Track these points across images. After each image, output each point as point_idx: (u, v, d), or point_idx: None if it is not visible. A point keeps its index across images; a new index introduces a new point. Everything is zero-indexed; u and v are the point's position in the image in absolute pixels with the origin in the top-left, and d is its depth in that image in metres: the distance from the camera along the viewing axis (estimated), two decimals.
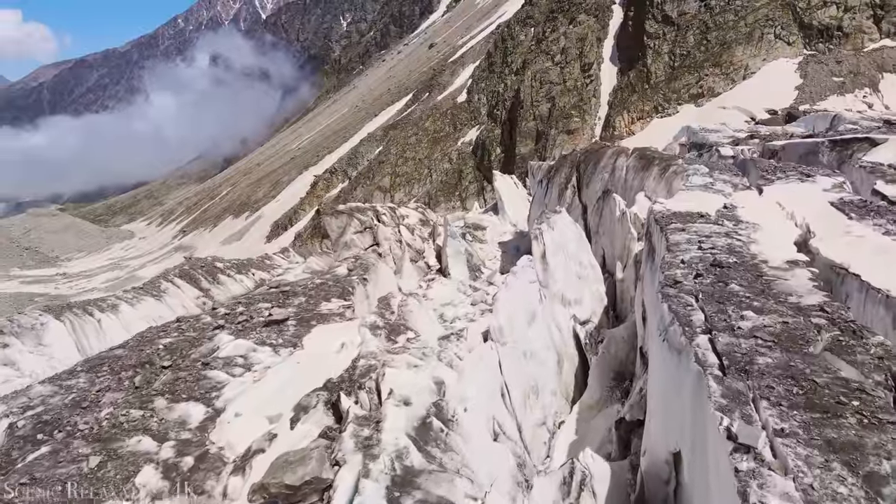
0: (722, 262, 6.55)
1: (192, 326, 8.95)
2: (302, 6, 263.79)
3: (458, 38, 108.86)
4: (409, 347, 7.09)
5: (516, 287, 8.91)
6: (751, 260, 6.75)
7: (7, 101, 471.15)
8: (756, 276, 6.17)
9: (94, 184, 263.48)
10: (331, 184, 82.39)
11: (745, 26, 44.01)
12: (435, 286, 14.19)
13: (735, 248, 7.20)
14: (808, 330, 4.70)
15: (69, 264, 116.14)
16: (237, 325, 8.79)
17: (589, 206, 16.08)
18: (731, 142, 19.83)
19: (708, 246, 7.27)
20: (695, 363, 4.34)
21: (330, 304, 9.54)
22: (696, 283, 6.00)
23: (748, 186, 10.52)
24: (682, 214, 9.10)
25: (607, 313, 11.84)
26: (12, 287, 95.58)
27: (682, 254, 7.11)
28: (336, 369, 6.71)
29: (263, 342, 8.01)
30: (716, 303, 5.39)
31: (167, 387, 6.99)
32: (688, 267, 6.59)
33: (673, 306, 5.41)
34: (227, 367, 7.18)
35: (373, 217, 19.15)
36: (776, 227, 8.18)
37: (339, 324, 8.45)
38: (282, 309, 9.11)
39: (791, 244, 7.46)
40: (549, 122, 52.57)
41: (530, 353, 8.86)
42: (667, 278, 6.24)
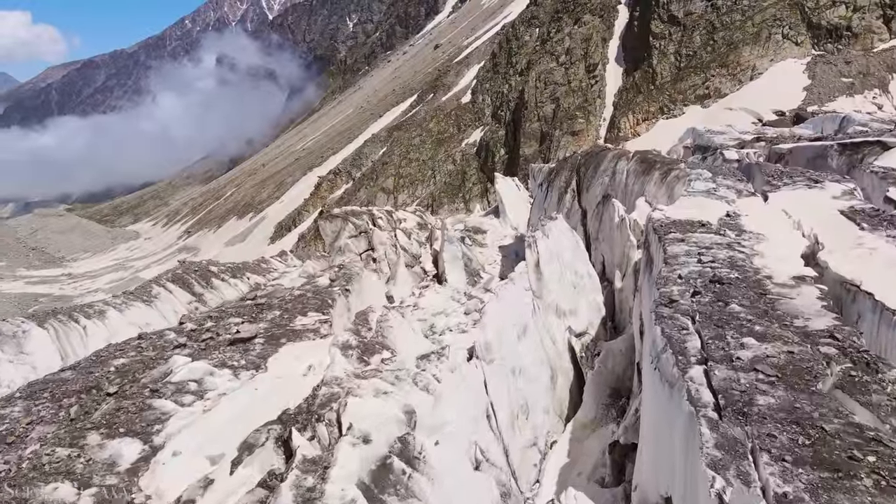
0: (722, 277, 6.04)
1: (152, 344, 8.41)
2: (308, 7, 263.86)
3: (463, 38, 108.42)
4: (381, 370, 6.55)
5: (506, 299, 8.43)
6: (754, 275, 6.24)
7: (16, 102, 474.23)
8: (759, 294, 5.67)
9: (101, 184, 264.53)
10: (335, 185, 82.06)
11: (753, 26, 43.35)
12: (428, 294, 13.71)
13: (737, 262, 6.69)
14: (816, 362, 4.21)
15: (74, 265, 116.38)
16: (200, 344, 8.27)
17: (589, 210, 15.57)
18: (736, 144, 19.27)
19: (708, 259, 6.76)
20: (687, 402, 3.86)
21: (306, 318, 9.02)
22: (693, 303, 5.50)
23: (753, 193, 9.99)
24: (682, 223, 8.59)
25: (605, 324, 11.34)
26: (17, 287, 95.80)
27: (680, 267, 6.61)
28: (298, 397, 6.17)
29: (224, 364, 7.49)
30: (714, 326, 4.90)
31: (106, 418, 6.42)
32: (685, 283, 6.09)
33: (666, 330, 4.92)
34: (178, 394, 6.64)
35: (368, 221, 18.70)
36: (782, 237, 7.66)
37: (311, 342, 7.94)
38: (252, 325, 8.58)
39: (797, 257, 6.95)
40: (554, 124, 52.00)
41: (520, 370, 8.37)
42: (662, 296, 5.74)
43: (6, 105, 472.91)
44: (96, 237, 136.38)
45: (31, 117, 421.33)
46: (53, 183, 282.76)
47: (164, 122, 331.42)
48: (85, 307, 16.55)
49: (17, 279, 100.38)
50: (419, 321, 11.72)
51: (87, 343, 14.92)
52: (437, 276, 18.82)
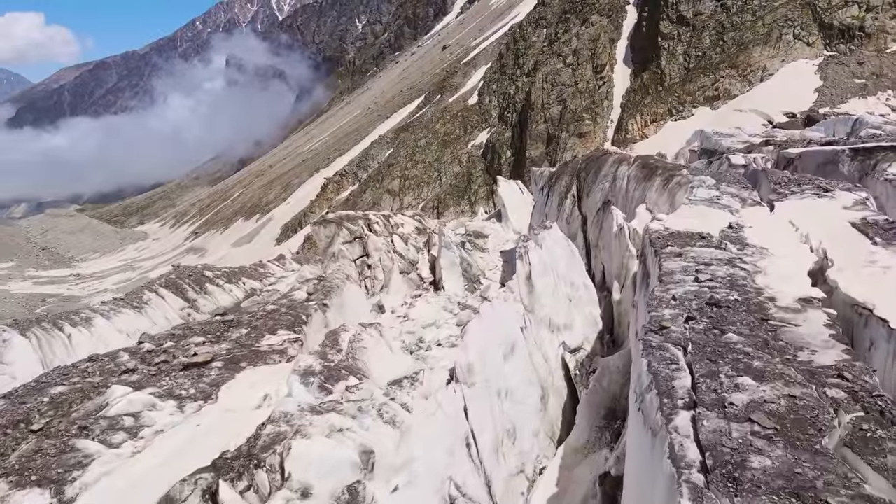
0: (720, 300, 5.49)
1: (101, 368, 7.80)
2: (318, 8, 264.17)
3: (471, 39, 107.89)
4: (342, 402, 5.99)
5: (491, 317, 7.90)
6: (755, 297, 5.69)
7: (29, 103, 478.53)
8: (760, 319, 5.12)
9: (112, 184, 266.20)
10: (341, 186, 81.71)
11: (763, 26, 42.55)
12: (419, 304, 13.20)
13: (737, 281, 6.13)
14: (822, 410, 3.67)
15: (83, 265, 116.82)
16: (152, 368, 7.66)
17: (589, 216, 15.02)
18: (745, 147, 18.65)
19: (706, 277, 6.21)
20: (668, 461, 3.33)
21: (275, 337, 8.46)
22: (686, 330, 4.96)
23: (758, 202, 9.42)
24: (682, 235, 8.03)
25: (602, 338, 10.78)
26: (26, 288, 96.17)
27: (675, 286, 6.07)
28: (243, 435, 5.62)
29: (171, 393, 6.90)
30: (707, 360, 4.36)
31: (21, 462, 5.64)
32: (679, 305, 5.55)
33: (653, 364, 4.38)
34: (109, 431, 6.02)
35: (363, 226, 18.21)
36: (787, 252, 7.10)
37: (273, 366, 7.35)
38: (212, 346, 8.00)
39: (804, 275, 6.38)
40: (560, 125, 51.36)
41: (507, 391, 7.84)
42: (652, 321, 5.20)
43: (19, 106, 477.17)
44: (105, 238, 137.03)
45: (44, 118, 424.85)
46: (65, 183, 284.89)
47: (175, 123, 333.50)
48: (71, 314, 16.14)
49: (26, 279, 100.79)
50: (408, 333, 11.24)
51: (71, 352, 14.51)
52: (435, 283, 18.32)
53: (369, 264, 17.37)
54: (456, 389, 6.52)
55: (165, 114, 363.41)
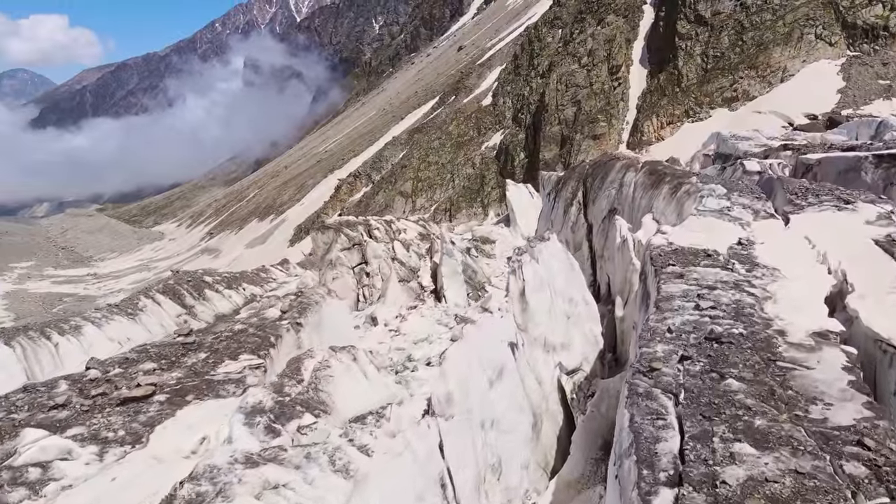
0: (722, 334, 4.81)
1: (31, 402, 7.03)
2: (335, 9, 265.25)
3: (486, 40, 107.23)
4: (286, 448, 5.35)
5: (476, 340, 7.26)
6: (762, 330, 4.99)
7: (52, 104, 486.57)
8: (767, 360, 4.43)
9: (132, 184, 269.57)
10: (354, 188, 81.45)
11: (784, 26, 41.39)
12: (412, 318, 12.59)
13: (743, 309, 5.44)
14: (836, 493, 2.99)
15: (101, 265, 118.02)
16: (87, 402, 6.97)
17: (595, 225, 14.33)
18: (762, 151, 17.82)
19: (708, 304, 5.52)
20: None
21: (235, 363, 7.79)
22: (679, 372, 4.29)
23: (772, 214, 8.68)
24: (685, 252, 7.34)
25: (603, 358, 10.09)
26: (44, 287, 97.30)
27: (673, 315, 5.39)
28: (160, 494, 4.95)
29: (96, 436, 6.21)
30: (700, 416, 3.69)
31: None
32: (675, 339, 4.87)
33: (637, 418, 3.72)
34: (10, 486, 5.42)
35: (363, 232, 17.64)
36: (802, 273, 6.37)
37: (222, 400, 6.68)
38: (161, 375, 7.33)
39: (820, 302, 5.66)
40: (575, 127, 50.49)
41: (493, 421, 7.20)
42: (642, 359, 4.54)
43: (42, 107, 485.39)
44: (123, 237, 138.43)
45: (67, 119, 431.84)
46: (86, 183, 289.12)
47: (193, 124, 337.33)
48: (60, 322, 15.73)
49: (45, 278, 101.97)
50: (397, 350, 10.64)
51: (59, 362, 14.10)
52: (436, 292, 17.71)
53: (368, 272, 16.82)
54: (430, 424, 5.89)
55: (184, 115, 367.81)
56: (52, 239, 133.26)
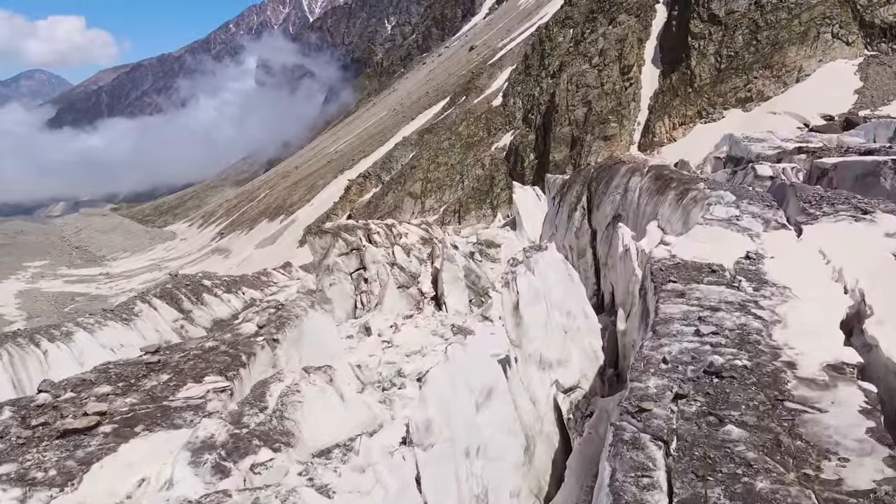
0: (723, 367, 4.28)
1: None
2: (348, 10, 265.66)
3: (498, 40, 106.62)
4: (230, 493, 4.84)
5: (462, 360, 6.76)
6: (769, 361, 4.46)
7: (69, 104, 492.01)
8: (773, 400, 3.90)
9: (147, 184, 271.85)
10: (364, 188, 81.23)
11: (800, 25, 40.48)
12: (405, 329, 12.09)
13: (749, 335, 4.90)
14: None
15: (113, 264, 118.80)
16: (25, 434, 6.44)
17: (599, 231, 13.77)
18: (776, 154, 17.17)
19: (710, 329, 4.99)
20: None
21: (197, 386, 7.26)
22: (673, 414, 3.77)
23: (783, 224, 8.10)
24: (689, 267, 6.80)
25: (603, 374, 9.54)
26: (57, 286, 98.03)
27: (670, 342, 4.87)
28: None
29: (24, 476, 5.52)
30: (692, 474, 3.17)
31: None
32: (670, 372, 4.35)
33: (619, 475, 3.21)
34: None
35: (362, 237, 17.18)
36: (815, 293, 5.81)
37: (175, 431, 6.15)
38: (113, 401, 6.79)
39: (835, 327, 5.11)
40: (585, 128, 49.81)
41: (479, 448, 6.70)
42: (632, 396, 4.03)
43: (59, 107, 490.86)
44: (136, 237, 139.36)
45: (83, 119, 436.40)
46: (102, 183, 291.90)
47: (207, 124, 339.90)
48: (51, 328, 15.40)
49: (58, 278, 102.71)
50: (387, 364, 10.15)
51: (47, 370, 13.76)
52: (437, 299, 17.24)
53: (366, 278, 16.35)
54: (405, 455, 5.41)
55: (198, 115, 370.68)
56: (67, 238, 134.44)
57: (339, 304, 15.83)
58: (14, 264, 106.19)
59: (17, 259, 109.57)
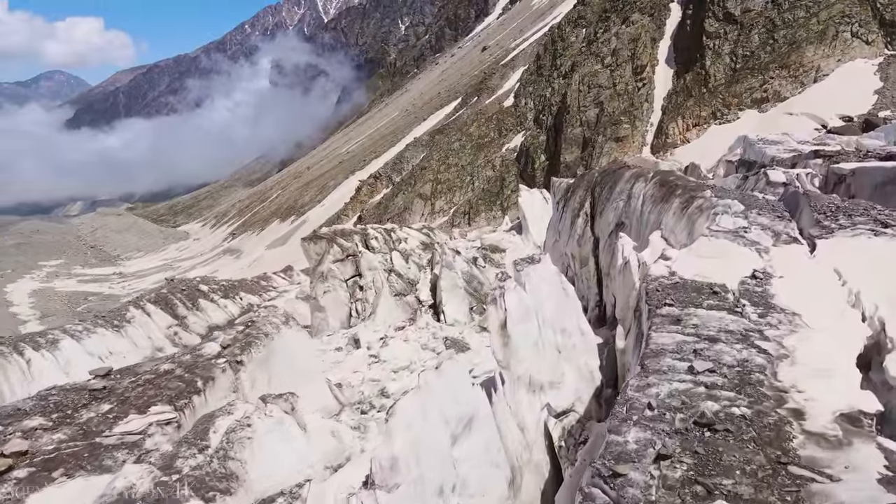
0: (717, 417, 3.66)
1: None
2: (362, 10, 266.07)
3: (511, 40, 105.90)
4: None
5: (438, 387, 6.17)
6: (773, 409, 3.83)
7: (87, 105, 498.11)
8: (775, 463, 3.27)
9: (163, 183, 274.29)
10: (375, 189, 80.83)
11: (818, 24, 39.38)
12: (394, 343, 11.48)
13: (750, 374, 4.27)
14: None
15: (127, 263, 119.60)
16: None
17: (601, 239, 13.11)
18: (791, 157, 16.41)
19: (705, 367, 4.36)
20: None
21: (140, 417, 6.60)
22: (652, 481, 3.16)
23: (795, 238, 7.42)
24: (688, 287, 6.16)
25: (599, 396, 8.90)
26: (71, 285, 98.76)
27: (659, 381, 4.25)
28: None
29: None
30: None
31: None
32: (655, 421, 3.74)
33: None
34: None
35: (358, 242, 16.63)
36: (829, 322, 5.16)
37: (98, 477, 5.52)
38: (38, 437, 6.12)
39: (851, 364, 4.46)
40: (597, 129, 48.97)
41: (455, 485, 6.10)
42: (607, 454, 3.42)
43: (77, 108, 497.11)
44: (150, 237, 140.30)
45: (100, 119, 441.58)
46: (119, 182, 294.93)
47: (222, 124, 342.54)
48: (36, 336, 15.02)
49: (72, 277, 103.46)
50: (371, 382, 9.57)
51: (29, 380, 13.37)
52: (435, 307, 16.64)
53: (361, 285, 15.79)
54: (364, 501, 4.84)
55: (213, 115, 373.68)
56: (82, 237, 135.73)
57: (332, 312, 15.30)
58: (30, 263, 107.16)
59: (33, 258, 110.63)
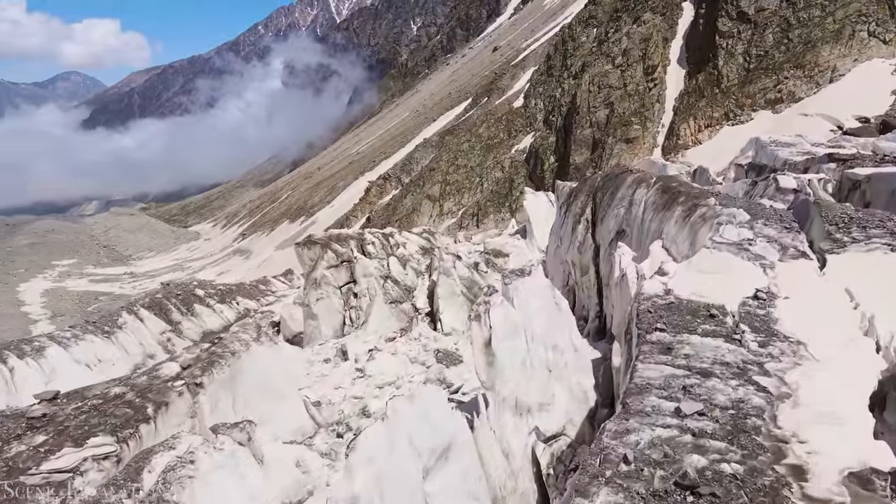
0: (702, 477, 3.12)
1: None
2: (374, 11, 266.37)
3: (522, 40, 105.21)
4: None
5: (407, 417, 5.65)
6: (770, 465, 3.28)
7: (103, 105, 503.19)
8: None
9: (177, 183, 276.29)
10: (384, 190, 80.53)
11: (834, 23, 38.46)
12: (381, 357, 10.96)
13: (746, 419, 3.72)
14: None
15: (139, 263, 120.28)
16: None
17: (602, 247, 12.53)
18: (804, 161, 15.73)
19: (694, 409, 3.82)
20: None
21: (76, 451, 5.99)
22: None
23: (803, 252, 6.82)
24: (683, 308, 5.61)
25: (593, 418, 8.34)
26: (82, 285, 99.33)
27: (640, 427, 3.71)
28: None
29: None
30: None
31: None
32: (630, 479, 3.21)
33: None
34: None
35: (353, 248, 16.15)
36: (838, 352, 4.59)
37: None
38: None
39: (863, 406, 3.89)
40: (607, 130, 48.28)
41: None
42: None
43: (93, 108, 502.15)
44: (162, 237, 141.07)
45: (115, 120, 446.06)
46: (133, 182, 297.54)
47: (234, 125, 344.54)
48: (22, 343, 14.66)
49: (84, 276, 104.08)
50: (353, 400, 9.07)
51: (12, 389, 13.00)
52: (432, 315, 16.13)
53: (356, 292, 15.31)
54: None
55: (226, 116, 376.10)
56: (96, 237, 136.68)
57: (326, 320, 14.80)
58: (43, 263, 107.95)
59: (46, 258, 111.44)
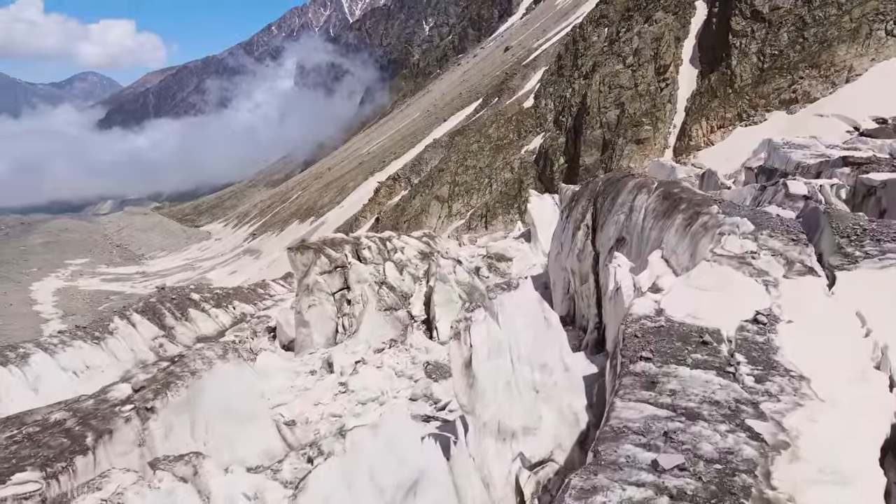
0: None
1: None
2: (386, 11, 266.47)
3: (533, 40, 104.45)
4: None
5: (370, 449, 5.14)
6: None
7: (118, 105, 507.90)
8: None
9: (190, 183, 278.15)
10: (393, 191, 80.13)
11: (850, 21, 37.52)
12: (365, 370, 10.46)
13: (733, 480, 3.18)
14: None
15: (150, 263, 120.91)
16: None
17: (602, 255, 11.95)
18: (817, 164, 15.05)
19: (674, 462, 3.28)
20: None
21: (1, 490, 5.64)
22: None
23: (811, 268, 6.23)
24: (674, 332, 5.06)
25: (584, 442, 7.79)
26: (94, 284, 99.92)
27: (610, 483, 3.18)
28: None
29: None
30: None
31: None
32: None
33: None
34: None
35: (348, 253, 15.68)
36: (846, 388, 4.02)
37: None
38: None
39: (873, 460, 3.34)
40: (617, 131, 47.54)
41: None
42: None
43: (109, 108, 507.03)
44: (174, 236, 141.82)
45: (131, 120, 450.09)
46: (148, 182, 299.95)
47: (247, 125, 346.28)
48: (6, 349, 14.33)
49: (96, 276, 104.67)
50: (331, 418, 8.59)
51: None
52: (428, 323, 15.63)
53: (349, 299, 14.84)
54: None
55: (239, 116, 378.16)
56: (109, 236, 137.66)
57: (318, 328, 14.32)
58: (56, 262, 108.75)
59: (60, 256, 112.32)
